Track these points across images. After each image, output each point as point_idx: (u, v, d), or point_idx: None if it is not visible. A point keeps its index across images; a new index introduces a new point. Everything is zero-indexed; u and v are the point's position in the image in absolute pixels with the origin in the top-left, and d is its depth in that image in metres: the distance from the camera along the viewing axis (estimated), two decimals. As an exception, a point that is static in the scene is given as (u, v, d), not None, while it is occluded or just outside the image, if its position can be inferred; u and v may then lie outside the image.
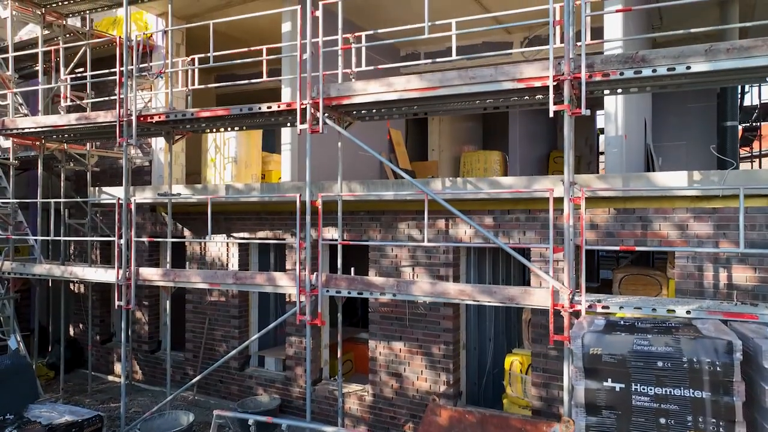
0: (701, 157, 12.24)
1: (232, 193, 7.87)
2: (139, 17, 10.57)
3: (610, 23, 6.55)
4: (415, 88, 5.47)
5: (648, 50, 4.67)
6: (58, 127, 7.52)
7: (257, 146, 10.48)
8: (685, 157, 12.50)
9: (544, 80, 4.99)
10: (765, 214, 5.42)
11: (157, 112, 6.83)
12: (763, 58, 4.32)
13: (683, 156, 12.51)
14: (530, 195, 6.13)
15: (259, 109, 6.28)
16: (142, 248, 10.16)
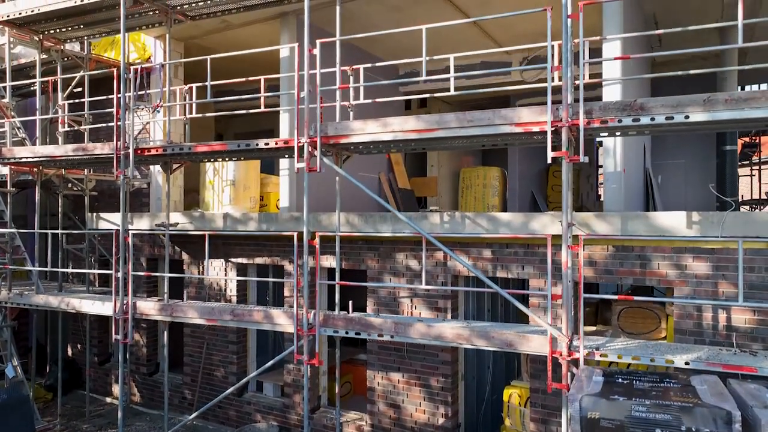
0: (700, 174, 12.23)
1: (230, 224, 7.86)
2: (137, 38, 10.55)
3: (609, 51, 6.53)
4: (412, 129, 5.45)
5: (646, 98, 4.65)
6: (56, 157, 7.50)
7: (256, 168, 10.46)
8: (684, 174, 12.50)
9: (542, 125, 4.97)
10: (764, 257, 5.40)
11: (155, 146, 6.81)
12: (761, 110, 4.30)
13: (682, 173, 12.50)
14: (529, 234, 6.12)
15: (257, 145, 6.26)
16: (140, 270, 10.14)
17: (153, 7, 7.41)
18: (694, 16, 9.29)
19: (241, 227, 7.82)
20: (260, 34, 10.13)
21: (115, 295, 6.90)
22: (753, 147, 14.30)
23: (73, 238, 10.69)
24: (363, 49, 11.22)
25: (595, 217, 5.90)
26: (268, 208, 10.57)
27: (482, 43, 10.84)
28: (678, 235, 5.55)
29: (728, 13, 9.17)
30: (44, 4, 7.51)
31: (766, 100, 4.29)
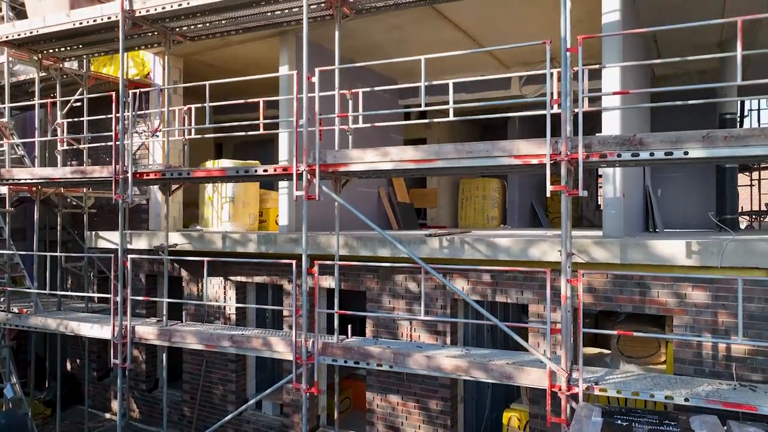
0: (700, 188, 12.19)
1: (229, 244, 7.84)
2: (136, 54, 10.53)
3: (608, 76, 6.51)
4: (410, 159, 5.44)
5: (646, 134, 4.64)
6: (54, 179, 7.49)
7: (255, 185, 10.44)
8: (684, 188, 12.47)
9: (541, 158, 4.96)
10: (763, 287, 5.38)
11: (153, 170, 6.80)
12: (759, 148, 4.29)
13: (682, 186, 12.47)
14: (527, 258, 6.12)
15: (255, 171, 6.24)
16: (139, 286, 10.13)
17: (152, 28, 7.39)
18: (693, 34, 9.28)
19: (240, 248, 7.80)
20: (260, 51, 10.11)
21: (114, 319, 6.88)
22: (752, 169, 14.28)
23: (72, 244, 10.67)
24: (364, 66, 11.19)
25: (594, 244, 5.89)
26: (267, 224, 10.56)
27: (482, 59, 10.82)
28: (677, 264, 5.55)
29: (728, 31, 9.17)
30: (42, 26, 7.50)
31: (765, 138, 4.27)
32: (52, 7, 7.45)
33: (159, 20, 7.16)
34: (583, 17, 7.91)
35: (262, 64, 10.95)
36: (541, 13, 8.36)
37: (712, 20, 4.60)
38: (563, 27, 4.93)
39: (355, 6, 6.67)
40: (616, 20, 6.38)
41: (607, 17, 6.40)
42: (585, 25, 8.29)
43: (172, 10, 6.74)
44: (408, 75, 12.23)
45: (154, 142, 9.15)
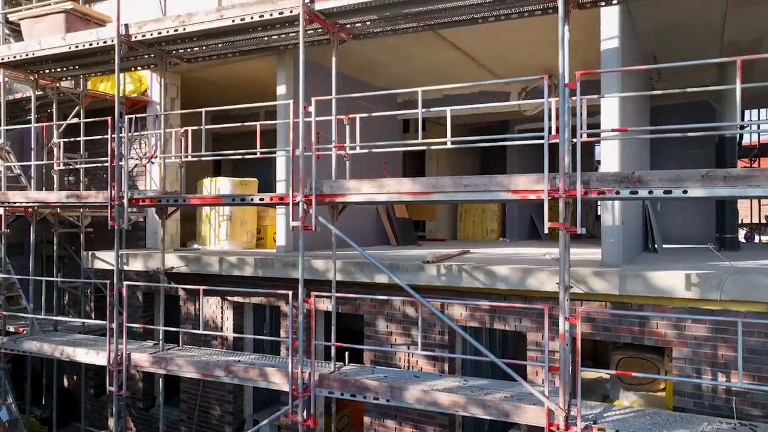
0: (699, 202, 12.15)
1: (225, 267, 7.80)
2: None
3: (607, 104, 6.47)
4: (407, 191, 5.40)
5: (645, 171, 4.60)
6: (50, 203, 7.44)
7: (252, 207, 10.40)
8: (683, 203, 12.42)
9: (539, 194, 4.92)
10: (764, 321, 5.34)
11: (149, 196, 6.76)
12: (760, 189, 4.24)
13: (682, 202, 12.42)
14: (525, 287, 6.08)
15: (251, 200, 6.20)
16: (137, 304, 10.08)
17: (148, 51, 7.35)
18: (692, 53, 9.25)
19: (236, 272, 7.76)
20: (258, 67, 10.08)
21: (110, 345, 6.83)
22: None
23: (69, 260, 10.63)
24: (361, 80, 11.17)
25: (592, 275, 5.84)
26: (265, 241, 10.52)
27: (480, 74, 10.78)
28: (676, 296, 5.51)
29: (727, 51, 9.14)
30: (38, 49, 7.46)
31: (765, 179, 4.23)
32: (48, 30, 7.41)
33: (155, 44, 7.12)
34: (582, 39, 7.86)
35: (260, 79, 10.91)
36: (540, 34, 8.32)
37: (712, 59, 4.56)
38: (561, 63, 4.89)
39: (352, 31, 6.63)
40: (615, 47, 6.34)
41: (606, 44, 6.37)
42: (584, 48, 8.26)
43: (168, 35, 6.70)
44: (407, 87, 12.19)
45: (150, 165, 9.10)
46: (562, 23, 5.10)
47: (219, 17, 6.33)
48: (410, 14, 6.08)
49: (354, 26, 6.49)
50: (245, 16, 6.19)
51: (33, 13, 7.52)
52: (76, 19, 7.36)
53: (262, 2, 6.13)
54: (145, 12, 8.47)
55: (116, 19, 6.81)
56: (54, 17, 7.30)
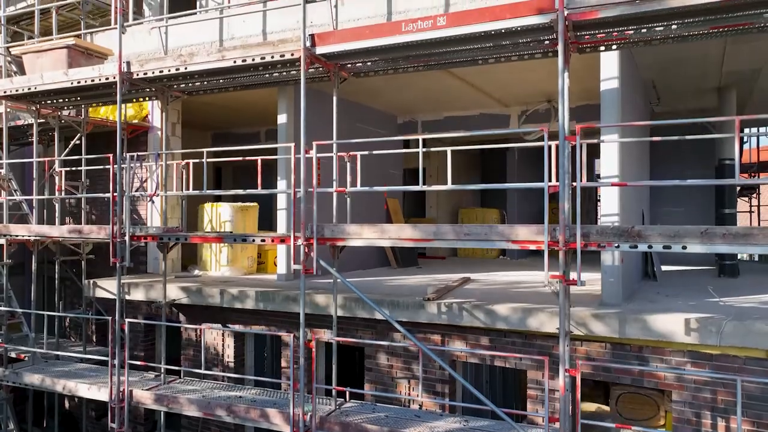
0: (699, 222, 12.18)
1: (227, 299, 7.83)
2: (135, 95, 10.55)
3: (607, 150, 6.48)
4: (408, 237, 5.43)
5: (644, 226, 4.63)
6: (52, 237, 7.47)
7: (254, 226, 10.45)
8: (683, 220, 12.44)
9: (539, 245, 4.95)
10: (764, 368, 5.36)
11: (150, 233, 6.79)
12: (759, 247, 4.27)
13: (681, 220, 12.45)
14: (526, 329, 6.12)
15: (253, 241, 6.23)
16: (138, 329, 10.10)
17: (150, 86, 7.39)
18: (692, 81, 9.28)
19: (238, 305, 7.79)
20: (259, 92, 10.09)
21: (111, 382, 6.86)
22: (752, 189, 14.28)
23: (70, 282, 10.66)
24: (361, 103, 11.20)
25: (592, 317, 5.86)
26: (266, 266, 10.55)
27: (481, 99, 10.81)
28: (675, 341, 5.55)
29: (727, 80, 9.17)
30: (40, 83, 7.49)
31: (764, 237, 4.26)
32: (50, 64, 7.44)
33: (157, 80, 7.15)
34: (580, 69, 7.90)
35: (261, 103, 10.93)
36: (540, 63, 8.33)
37: (713, 118, 4.58)
38: (561, 112, 4.92)
39: (353, 70, 6.66)
40: (615, 87, 6.37)
41: (606, 84, 6.40)
42: (583, 82, 8.29)
43: (169, 74, 6.73)
44: (408, 111, 12.23)
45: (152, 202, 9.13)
46: (562, 70, 5.13)
47: (220, 57, 6.37)
48: (411, 56, 6.11)
49: (355, 66, 6.52)
50: (246, 57, 6.22)
51: (36, 48, 7.55)
52: (77, 54, 7.39)
53: (263, 44, 6.17)
54: (146, 43, 8.49)
55: (118, 57, 6.84)
56: (56, 52, 7.33)
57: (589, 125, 4.85)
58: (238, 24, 7.77)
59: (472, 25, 5.22)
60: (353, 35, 5.74)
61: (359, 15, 6.96)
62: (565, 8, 4.89)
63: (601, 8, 4.80)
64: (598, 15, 4.83)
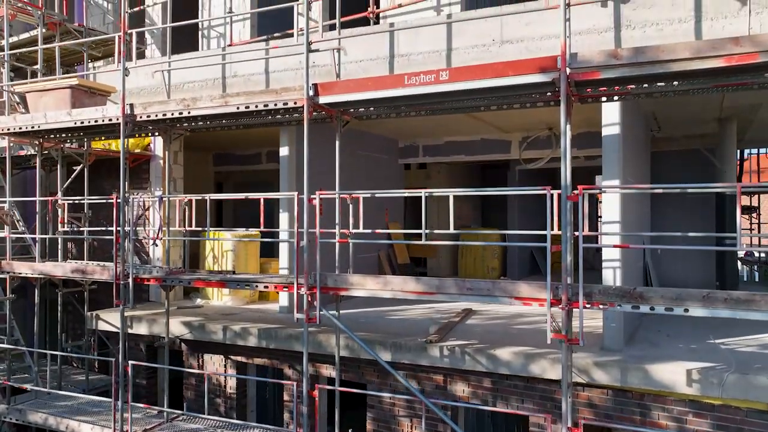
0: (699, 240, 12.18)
1: (229, 336, 7.85)
2: (137, 123, 10.58)
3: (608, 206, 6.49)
4: (411, 290, 5.46)
5: (646, 288, 4.66)
6: (54, 276, 7.49)
7: (255, 255, 10.47)
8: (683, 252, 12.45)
9: (542, 302, 4.97)
10: (765, 421, 5.39)
11: (154, 276, 6.81)
12: (759, 313, 4.30)
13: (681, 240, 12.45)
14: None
15: (256, 286, 6.26)
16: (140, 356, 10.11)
17: (153, 126, 7.42)
18: (693, 114, 9.30)
19: (240, 342, 7.82)
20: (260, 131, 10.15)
21: (114, 420, 6.89)
22: (752, 210, 14.30)
23: (72, 326, 10.69)
24: (361, 130, 11.23)
25: (594, 365, 5.89)
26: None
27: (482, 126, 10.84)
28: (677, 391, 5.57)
29: (727, 112, 9.20)
30: (44, 122, 7.52)
31: (766, 304, 4.28)
32: (54, 103, 7.47)
33: (160, 121, 7.18)
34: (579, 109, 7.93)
35: (262, 131, 10.96)
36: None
37: (713, 185, 4.61)
38: (564, 170, 4.95)
39: (355, 114, 6.69)
40: (616, 134, 6.39)
41: (607, 130, 6.43)
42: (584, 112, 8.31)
43: (173, 117, 6.76)
44: (409, 136, 12.27)
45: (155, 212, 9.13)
46: (564, 123, 5.17)
47: (223, 103, 6.39)
48: (414, 104, 6.14)
49: (357, 111, 6.55)
50: (249, 104, 6.25)
51: (39, 87, 7.58)
52: (81, 93, 7.42)
53: (266, 92, 6.20)
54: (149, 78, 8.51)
55: (121, 99, 6.87)
56: (60, 92, 7.36)
57: (592, 187, 4.87)
58: (240, 61, 7.80)
59: (475, 81, 5.24)
60: (356, 86, 5.77)
61: (362, 57, 6.99)
62: (567, 68, 4.92)
63: (603, 69, 4.83)
64: (600, 76, 4.86)
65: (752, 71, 4.62)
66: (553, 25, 6.01)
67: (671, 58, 4.54)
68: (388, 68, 6.83)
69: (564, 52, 4.88)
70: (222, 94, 6.39)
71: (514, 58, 6.22)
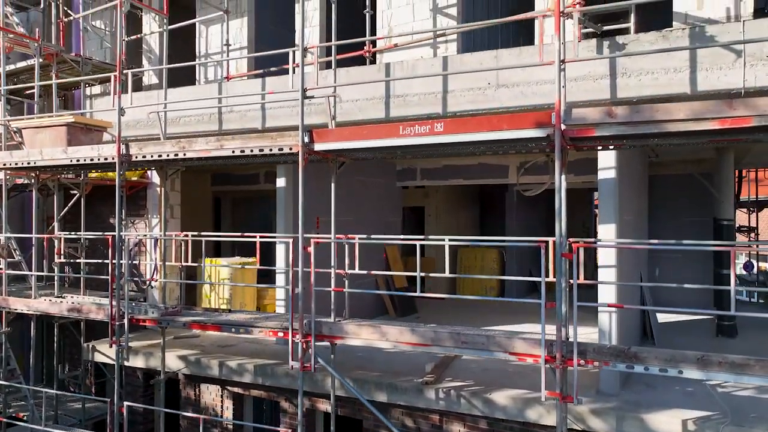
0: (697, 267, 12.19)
1: (225, 373, 7.84)
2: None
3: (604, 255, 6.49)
4: (407, 341, 5.46)
5: (640, 348, 4.65)
6: (51, 314, 7.49)
7: (252, 280, 10.45)
8: (681, 268, 12.46)
9: (536, 357, 4.96)
10: (759, 473, 5.38)
11: (150, 317, 6.81)
12: (755, 378, 4.29)
13: (679, 267, 12.47)
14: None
15: (251, 331, 6.24)
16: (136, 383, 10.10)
17: (149, 163, 7.41)
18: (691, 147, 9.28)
19: (236, 378, 7.81)
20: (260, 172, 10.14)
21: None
22: (750, 230, 14.31)
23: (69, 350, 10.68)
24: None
25: (590, 413, 5.86)
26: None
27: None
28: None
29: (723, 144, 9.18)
30: (39, 159, 7.51)
31: (760, 369, 4.27)
32: (50, 140, 7.46)
33: (155, 161, 7.18)
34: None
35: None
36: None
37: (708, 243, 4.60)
38: (558, 228, 4.95)
39: (351, 157, 6.68)
40: (612, 178, 6.39)
41: (603, 173, 6.42)
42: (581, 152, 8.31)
43: (168, 159, 6.76)
44: (407, 160, 12.25)
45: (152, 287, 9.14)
46: (559, 172, 5.16)
47: (219, 146, 6.39)
48: (409, 151, 6.14)
49: (353, 154, 6.54)
50: (245, 148, 6.24)
51: (35, 124, 7.57)
52: (77, 130, 7.41)
53: (261, 136, 6.19)
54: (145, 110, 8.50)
55: (117, 139, 6.87)
56: (56, 129, 7.35)
57: (588, 244, 4.86)
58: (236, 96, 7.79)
59: (470, 133, 5.24)
60: (351, 134, 5.77)
61: (358, 96, 6.97)
62: (562, 124, 4.91)
63: (597, 126, 4.83)
64: (595, 133, 4.86)
65: (747, 132, 4.62)
66: (549, 70, 6.01)
67: (667, 118, 4.54)
68: (384, 108, 6.82)
69: (559, 110, 4.87)
70: (218, 137, 6.36)
71: (509, 103, 6.24)
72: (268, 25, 10.44)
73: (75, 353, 11.29)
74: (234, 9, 9.52)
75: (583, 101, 5.89)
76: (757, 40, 5.08)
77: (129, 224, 10.42)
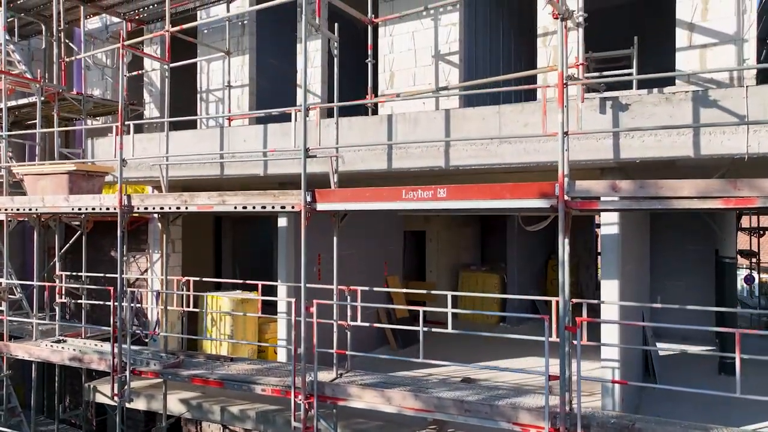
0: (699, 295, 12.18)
1: (227, 418, 7.83)
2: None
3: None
4: (410, 407, 5.44)
5: (641, 417, 4.63)
6: (52, 362, 7.47)
7: (253, 318, 10.43)
8: (684, 294, 12.45)
9: (540, 429, 4.95)
10: None
11: (151, 370, 6.79)
12: None
13: (681, 294, 12.46)
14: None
15: (252, 390, 6.23)
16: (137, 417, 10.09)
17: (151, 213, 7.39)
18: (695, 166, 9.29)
19: (238, 425, 7.79)
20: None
21: None
22: (753, 255, 14.30)
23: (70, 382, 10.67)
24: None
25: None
26: (266, 354, 10.53)
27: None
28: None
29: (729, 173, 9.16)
30: (41, 206, 7.50)
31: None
32: (51, 187, 7.44)
33: (157, 213, 7.16)
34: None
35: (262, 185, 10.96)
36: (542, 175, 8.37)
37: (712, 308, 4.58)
38: (561, 305, 4.93)
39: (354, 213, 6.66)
40: (615, 233, 6.38)
41: (606, 229, 6.42)
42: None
43: (170, 211, 6.75)
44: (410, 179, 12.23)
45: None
46: (563, 238, 5.15)
47: (221, 202, 6.38)
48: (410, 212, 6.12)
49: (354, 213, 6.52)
50: (247, 204, 6.23)
51: (37, 171, 7.56)
52: (78, 177, 7.40)
53: (264, 194, 6.18)
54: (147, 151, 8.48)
55: (119, 191, 6.86)
56: (57, 176, 7.34)
57: (590, 320, 4.84)
58: (238, 142, 7.78)
59: (472, 200, 5.23)
60: (354, 196, 5.76)
61: (359, 141, 6.93)
62: (566, 196, 4.90)
63: (601, 201, 4.81)
64: (598, 207, 4.85)
65: (750, 209, 4.60)
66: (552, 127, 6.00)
67: (672, 195, 4.53)
68: (387, 160, 6.80)
69: (562, 182, 4.86)
70: (220, 192, 6.35)
71: (512, 159, 6.22)
72: (269, 60, 10.43)
73: (76, 384, 11.28)
74: (235, 48, 9.52)
75: (585, 161, 5.88)
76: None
77: (131, 259, 10.42)
